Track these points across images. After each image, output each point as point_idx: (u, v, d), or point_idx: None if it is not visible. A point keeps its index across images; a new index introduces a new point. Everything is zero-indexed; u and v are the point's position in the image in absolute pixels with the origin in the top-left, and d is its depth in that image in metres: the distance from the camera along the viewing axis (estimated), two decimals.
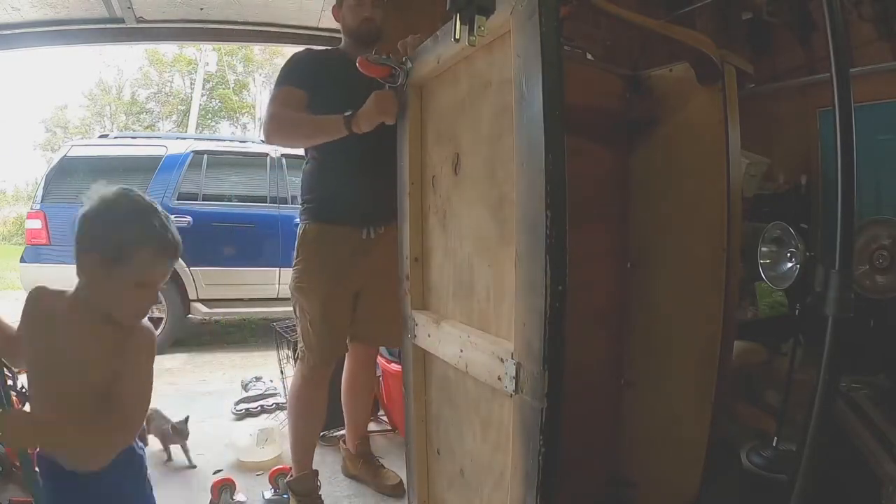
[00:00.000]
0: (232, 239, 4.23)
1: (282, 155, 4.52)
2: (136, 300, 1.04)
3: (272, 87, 1.84)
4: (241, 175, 4.56)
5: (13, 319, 1.09)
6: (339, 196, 1.74)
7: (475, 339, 1.11)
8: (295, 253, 1.80)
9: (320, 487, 1.84)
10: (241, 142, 5.53)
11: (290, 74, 1.74)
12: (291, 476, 1.82)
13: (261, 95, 15.62)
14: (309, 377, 1.78)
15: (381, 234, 1.77)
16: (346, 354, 1.96)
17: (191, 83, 14.87)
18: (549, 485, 0.90)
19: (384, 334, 1.88)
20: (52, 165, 4.36)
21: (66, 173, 4.28)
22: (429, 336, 1.33)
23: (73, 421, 1.00)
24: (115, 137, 5.07)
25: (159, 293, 1.07)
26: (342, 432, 2.16)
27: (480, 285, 1.15)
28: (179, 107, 15.16)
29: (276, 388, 2.88)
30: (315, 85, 1.71)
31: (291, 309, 1.84)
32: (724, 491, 1.57)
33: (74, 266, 1.03)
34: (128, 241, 1.00)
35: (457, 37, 0.96)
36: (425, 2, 2.24)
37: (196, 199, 4.25)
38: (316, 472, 1.85)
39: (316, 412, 1.82)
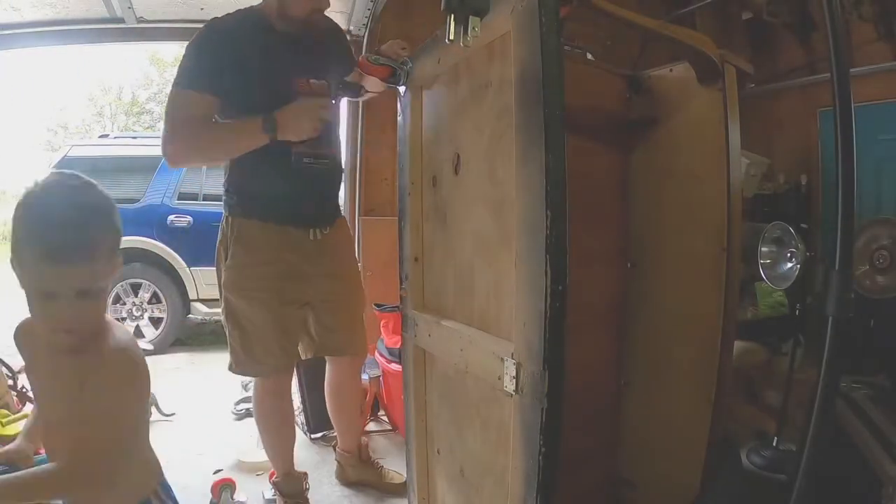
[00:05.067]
0: None
1: None
2: (43, 313, 0.86)
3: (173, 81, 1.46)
4: None
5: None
6: (280, 192, 1.56)
7: (475, 338, 1.11)
8: (224, 251, 1.59)
9: (308, 489, 1.82)
10: None
11: (195, 71, 1.44)
12: (277, 477, 1.79)
13: None
14: (273, 389, 1.69)
15: (326, 236, 1.66)
16: (327, 368, 1.87)
17: None
18: (549, 485, 0.90)
19: (351, 343, 1.81)
20: (53, 166, 4.36)
21: None
22: (429, 336, 1.33)
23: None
24: (116, 137, 5.08)
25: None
26: None
27: (480, 285, 1.15)
28: None
29: None
30: (226, 75, 1.44)
31: (224, 313, 1.62)
32: (724, 491, 1.57)
33: None
34: (18, 239, 0.83)
35: (450, 38, 0.96)
36: (424, 4, 2.24)
37: (196, 199, 4.25)
38: (304, 474, 1.84)
39: (287, 423, 1.76)
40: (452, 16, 0.95)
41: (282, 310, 1.61)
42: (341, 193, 3.63)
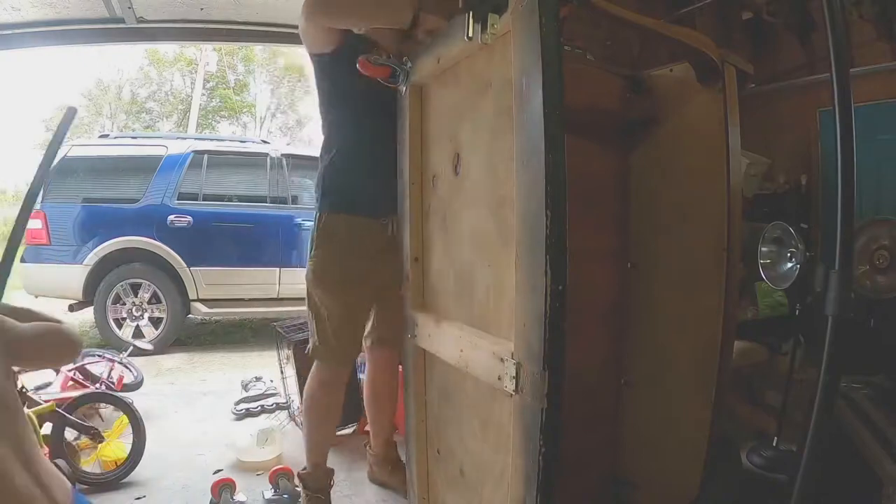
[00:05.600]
0: (232, 239, 4.23)
1: (282, 155, 4.53)
2: None
3: None
4: (241, 175, 4.56)
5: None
6: (366, 186, 1.66)
7: (475, 339, 1.11)
8: (313, 244, 1.69)
9: (333, 486, 1.82)
10: (241, 142, 5.53)
11: None
12: (304, 469, 1.79)
13: (261, 95, 15.66)
14: (328, 381, 1.73)
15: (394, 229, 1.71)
16: (368, 362, 1.92)
17: (191, 83, 14.88)
18: (549, 485, 0.90)
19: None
20: (53, 165, 4.35)
21: (67, 173, 4.28)
22: (429, 336, 1.33)
23: None
24: (116, 137, 5.07)
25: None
26: (346, 431, 2.13)
27: (480, 285, 1.15)
28: (179, 106, 15.18)
29: (276, 388, 2.87)
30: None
31: (307, 304, 1.72)
32: (724, 491, 1.57)
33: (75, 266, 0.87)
34: None
35: (469, 35, 0.96)
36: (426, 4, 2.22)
37: (196, 199, 4.25)
38: (331, 471, 1.84)
39: (333, 416, 1.79)
40: (471, 13, 0.95)
41: (358, 305, 1.70)
42: None
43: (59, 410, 2.01)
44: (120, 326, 4.09)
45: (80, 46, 3.15)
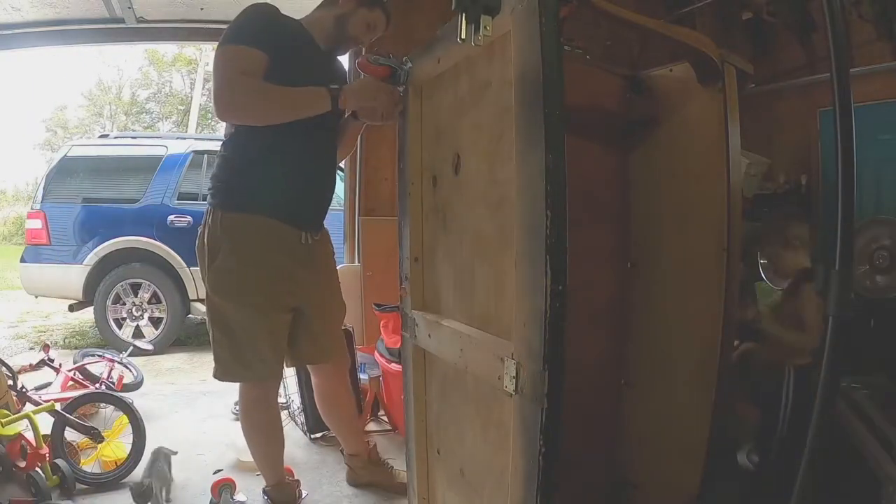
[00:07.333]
0: None
1: None
2: None
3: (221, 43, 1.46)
4: None
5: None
6: (286, 190, 1.53)
7: (475, 338, 1.11)
8: (210, 250, 1.53)
9: (301, 497, 1.81)
10: None
11: (249, 31, 1.44)
12: (268, 486, 1.76)
13: None
14: (259, 398, 1.65)
15: (316, 242, 1.64)
16: (313, 379, 1.84)
17: (191, 83, 14.89)
18: (549, 485, 0.90)
19: (335, 350, 1.77)
20: (53, 165, 4.37)
21: (67, 173, 4.29)
22: (429, 336, 1.33)
23: None
24: (116, 137, 5.07)
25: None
26: None
27: (480, 285, 1.15)
28: (179, 107, 15.18)
29: None
30: (277, 51, 1.44)
31: (209, 320, 1.58)
32: (724, 491, 1.57)
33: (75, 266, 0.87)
34: None
35: (462, 37, 0.96)
36: (424, 4, 2.23)
37: (196, 199, 4.26)
38: (297, 482, 1.83)
39: (275, 431, 1.73)
40: (464, 14, 0.95)
41: (273, 314, 1.57)
42: (340, 193, 3.65)
43: (60, 410, 2.01)
44: (120, 326, 4.09)
45: (80, 46, 3.16)
